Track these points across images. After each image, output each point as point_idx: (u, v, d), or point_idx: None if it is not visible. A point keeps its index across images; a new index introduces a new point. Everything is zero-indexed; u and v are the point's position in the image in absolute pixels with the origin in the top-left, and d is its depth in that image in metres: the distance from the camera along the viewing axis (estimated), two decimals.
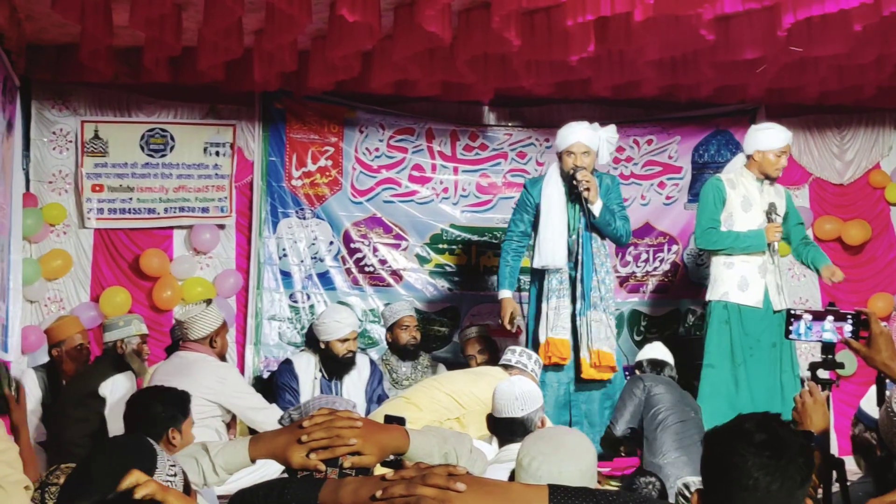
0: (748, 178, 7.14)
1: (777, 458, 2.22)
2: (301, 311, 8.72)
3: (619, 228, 7.02)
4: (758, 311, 7.00)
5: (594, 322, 6.88)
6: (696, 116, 9.30)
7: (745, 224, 7.06)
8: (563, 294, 6.91)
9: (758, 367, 6.96)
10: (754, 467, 2.21)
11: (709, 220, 7.16)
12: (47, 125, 8.39)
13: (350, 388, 6.70)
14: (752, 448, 2.23)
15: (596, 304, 6.90)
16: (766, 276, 7.01)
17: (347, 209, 8.89)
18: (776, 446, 2.23)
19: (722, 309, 7.07)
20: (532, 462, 2.84)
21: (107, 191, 8.42)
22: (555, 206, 6.97)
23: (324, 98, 8.70)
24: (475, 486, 2.11)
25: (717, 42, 6.88)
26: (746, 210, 7.08)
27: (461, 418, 5.88)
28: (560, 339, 6.85)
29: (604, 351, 6.86)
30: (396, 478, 2.15)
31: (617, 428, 6.16)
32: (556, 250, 6.90)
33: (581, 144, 6.93)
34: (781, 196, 7.24)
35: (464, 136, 9.14)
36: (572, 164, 6.91)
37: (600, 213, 6.91)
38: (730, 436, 2.30)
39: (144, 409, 4.61)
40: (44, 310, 8.27)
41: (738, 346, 6.99)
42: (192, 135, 8.61)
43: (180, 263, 8.52)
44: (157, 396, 4.71)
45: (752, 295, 7.01)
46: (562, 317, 6.88)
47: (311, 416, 2.49)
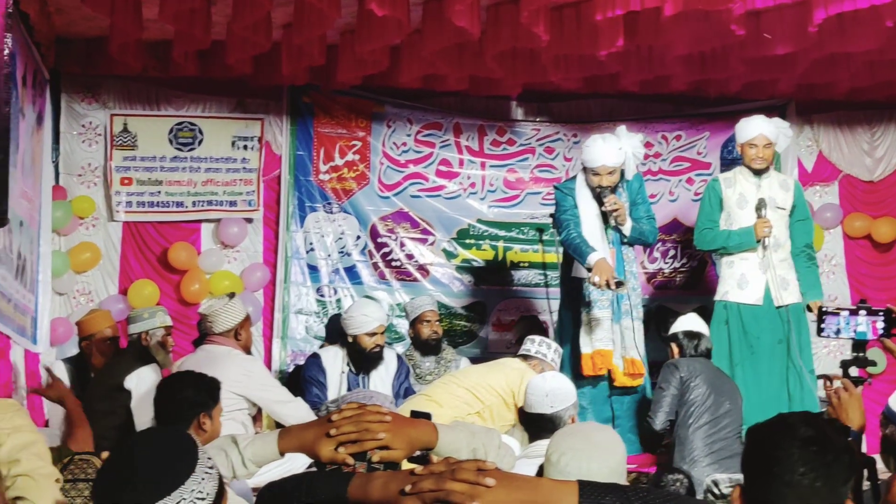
0: (745, 175, 7.12)
1: (822, 455, 2.19)
2: (328, 305, 8.73)
3: (648, 235, 7.02)
4: (758, 309, 6.96)
5: (626, 330, 6.88)
6: (725, 112, 9.24)
7: (742, 221, 7.02)
8: (604, 305, 6.88)
9: (758, 366, 6.93)
10: (799, 462, 2.18)
11: (704, 221, 7.19)
12: (77, 118, 8.44)
13: (377, 382, 6.69)
14: (798, 443, 2.19)
15: (627, 311, 6.89)
16: (767, 273, 6.96)
17: (375, 203, 8.90)
18: (822, 442, 2.20)
19: (722, 309, 7.06)
20: (561, 458, 2.83)
21: (135, 184, 8.46)
22: (590, 218, 6.93)
23: (352, 92, 8.70)
24: (504, 481, 2.10)
25: (747, 37, 6.83)
26: (742, 207, 7.05)
27: (481, 412, 5.86)
28: (608, 350, 6.85)
29: (636, 359, 6.86)
30: (425, 472, 2.14)
31: (656, 421, 6.15)
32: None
33: (606, 167, 6.86)
34: (788, 189, 7.15)
35: (491, 130, 9.12)
36: (597, 184, 6.87)
37: (630, 232, 6.91)
38: (774, 431, 2.26)
39: (176, 392, 4.57)
40: (72, 302, 8.32)
41: (737, 346, 6.97)
42: (220, 128, 8.64)
43: (208, 257, 8.55)
44: (188, 381, 4.66)
45: (751, 293, 6.97)
46: (604, 327, 6.86)
47: (341, 409, 2.49)
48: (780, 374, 6.91)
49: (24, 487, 3.14)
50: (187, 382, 4.64)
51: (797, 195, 7.20)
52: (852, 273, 9.28)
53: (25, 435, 3.23)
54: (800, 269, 7.13)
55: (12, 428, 3.21)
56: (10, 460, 3.15)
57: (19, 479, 3.14)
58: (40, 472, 3.16)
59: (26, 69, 6.87)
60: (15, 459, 3.16)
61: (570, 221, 6.97)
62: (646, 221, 7.02)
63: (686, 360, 6.25)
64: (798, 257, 7.14)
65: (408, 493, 2.10)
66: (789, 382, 6.90)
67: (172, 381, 4.79)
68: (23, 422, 3.29)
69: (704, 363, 6.28)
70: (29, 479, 3.14)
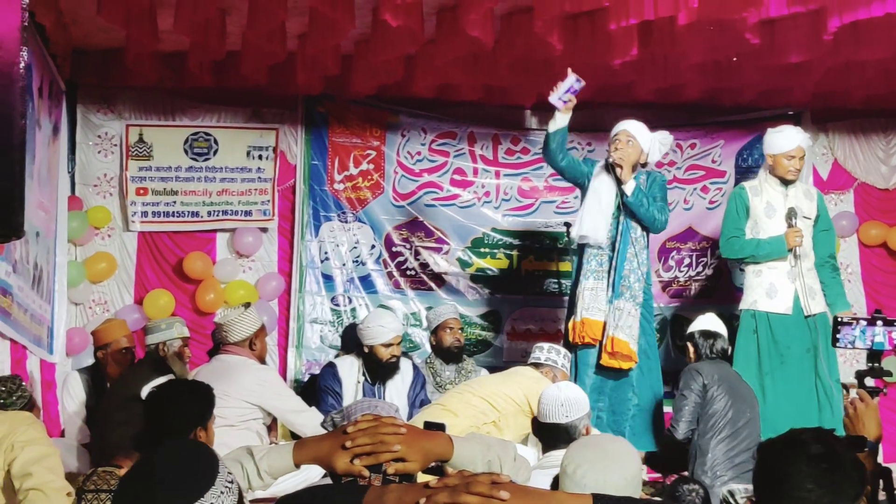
0: (771, 184, 7.08)
1: (831, 472, 2.20)
2: (343, 315, 8.74)
3: (654, 212, 6.93)
4: (787, 318, 6.93)
5: (617, 310, 6.83)
6: (739, 120, 9.23)
7: (770, 230, 6.99)
8: (601, 276, 6.88)
9: (788, 375, 6.88)
10: (808, 478, 2.19)
11: (731, 229, 7.14)
12: (92, 129, 8.48)
13: (393, 392, 6.69)
14: (807, 459, 2.20)
15: (623, 292, 6.86)
16: (796, 282, 6.93)
17: (389, 213, 8.91)
18: (831, 459, 2.21)
19: (750, 318, 7.02)
20: (577, 470, 2.82)
21: (151, 194, 8.49)
22: (604, 186, 6.95)
23: (366, 102, 8.72)
24: (519, 494, 2.10)
25: (761, 46, 6.82)
26: (770, 216, 7.02)
27: (497, 422, 5.85)
28: (595, 321, 6.83)
29: (618, 338, 6.79)
30: (440, 485, 2.14)
31: (679, 431, 6.11)
32: (598, 224, 6.88)
33: (626, 133, 6.93)
34: (812, 199, 7.13)
35: (506, 139, 9.13)
36: (613, 150, 6.91)
37: (633, 193, 6.86)
38: (785, 447, 2.27)
39: (171, 405, 4.28)
40: (88, 312, 8.35)
41: (766, 355, 6.93)
42: (235, 138, 8.66)
43: (223, 266, 8.57)
44: (183, 392, 4.41)
45: (780, 302, 6.94)
46: (598, 299, 6.85)
47: (356, 421, 2.49)
48: (809, 384, 6.87)
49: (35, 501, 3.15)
50: (182, 394, 4.40)
51: (821, 205, 7.18)
52: (868, 281, 9.25)
53: (39, 448, 3.25)
54: (824, 279, 7.09)
55: (27, 440, 3.22)
56: (23, 474, 3.17)
57: (31, 492, 3.15)
58: (52, 485, 3.17)
59: (42, 80, 6.90)
60: (27, 473, 3.17)
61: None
62: (655, 206, 6.98)
63: (707, 366, 6.20)
64: (822, 268, 7.11)
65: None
66: (818, 392, 6.87)
67: (166, 393, 4.44)
68: (37, 434, 3.30)
69: (724, 368, 6.24)
70: (40, 492, 3.15)
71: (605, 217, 6.92)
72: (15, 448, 3.19)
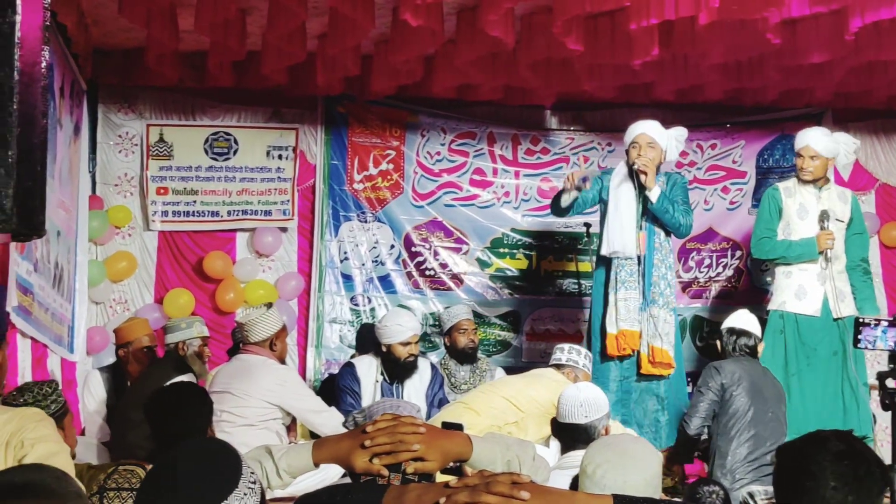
0: (805, 185, 7.05)
1: (854, 469, 2.18)
2: (362, 314, 8.75)
3: (678, 217, 6.91)
4: (816, 320, 6.90)
5: (652, 318, 6.82)
6: (760, 121, 9.20)
7: (802, 232, 6.97)
8: (632, 286, 6.85)
9: (814, 377, 6.86)
10: (832, 476, 2.18)
11: (763, 229, 7.12)
12: (113, 128, 8.51)
13: (411, 391, 6.69)
14: (830, 457, 2.19)
15: (656, 299, 6.85)
16: (825, 284, 6.90)
17: (408, 213, 8.91)
18: (854, 456, 2.20)
19: (778, 318, 7.00)
20: (597, 470, 2.82)
21: (171, 193, 8.52)
22: (622, 197, 6.93)
23: (386, 102, 8.73)
24: (539, 494, 2.09)
25: (783, 46, 6.79)
26: (802, 218, 7.00)
27: (519, 422, 5.85)
28: (632, 331, 6.80)
29: (658, 347, 6.79)
30: (460, 485, 2.14)
31: (691, 426, 6.08)
32: (626, 237, 6.86)
33: (646, 136, 6.91)
34: (846, 202, 7.10)
35: (525, 140, 9.12)
36: (636, 156, 6.88)
37: (658, 199, 6.84)
38: (806, 446, 2.26)
39: (176, 410, 4.27)
40: (108, 311, 8.38)
41: (793, 356, 6.91)
42: (255, 138, 8.68)
43: (243, 266, 8.59)
44: (186, 397, 4.38)
45: (809, 303, 6.91)
46: (631, 309, 6.83)
47: (375, 421, 2.49)
48: (835, 386, 6.85)
49: None
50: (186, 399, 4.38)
51: (855, 208, 7.14)
52: (889, 283, 9.20)
53: (49, 445, 3.24)
54: (855, 283, 7.07)
55: (37, 438, 3.22)
56: None
57: None
58: None
59: (63, 80, 6.93)
60: None
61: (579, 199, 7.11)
62: (679, 210, 6.96)
63: (729, 364, 6.16)
64: (854, 271, 7.08)
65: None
66: (844, 395, 6.84)
67: (169, 399, 4.40)
68: (48, 431, 3.30)
69: (748, 366, 6.17)
70: None
71: (632, 227, 6.89)
72: (24, 445, 3.19)
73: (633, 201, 6.93)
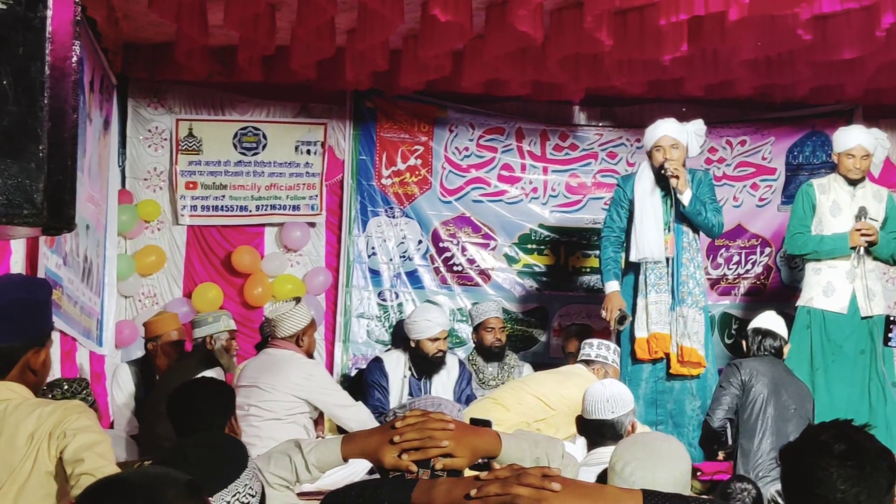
0: (839, 182, 7.00)
1: (860, 468, 2.17)
2: (389, 310, 8.76)
3: (711, 219, 6.89)
4: (842, 318, 6.85)
5: (680, 317, 6.79)
6: (790, 117, 9.15)
7: (835, 228, 6.91)
8: (662, 289, 6.82)
9: (840, 373, 6.81)
10: (840, 479, 2.16)
11: (797, 225, 7.06)
12: (143, 123, 8.55)
13: (439, 387, 6.70)
14: (835, 460, 2.17)
15: (684, 298, 6.82)
16: (855, 282, 6.85)
17: (436, 208, 8.91)
18: (858, 455, 2.18)
19: (805, 314, 6.95)
20: (626, 467, 2.81)
21: (200, 188, 8.55)
22: (648, 200, 6.90)
23: (414, 97, 8.73)
24: (570, 486, 2.10)
25: (813, 42, 6.75)
26: (835, 215, 6.94)
27: (548, 419, 5.84)
28: (664, 334, 6.78)
29: (687, 346, 6.76)
30: (491, 477, 2.14)
31: (714, 419, 6.05)
32: (654, 243, 6.83)
33: (668, 138, 6.86)
34: (882, 200, 7.02)
35: (554, 135, 9.10)
36: (661, 158, 6.84)
37: (690, 202, 6.81)
38: (809, 450, 2.24)
39: (191, 405, 4.35)
40: (137, 305, 8.42)
41: (819, 352, 6.86)
42: (283, 133, 8.70)
43: (271, 260, 8.61)
44: (201, 392, 4.44)
45: (837, 300, 6.86)
46: (662, 312, 6.80)
47: (405, 416, 2.49)
48: (861, 385, 6.79)
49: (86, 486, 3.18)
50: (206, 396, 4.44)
51: (890, 207, 7.03)
52: None
53: (91, 435, 3.27)
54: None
55: (79, 428, 3.25)
56: (75, 459, 3.19)
57: (82, 477, 3.18)
58: (102, 471, 3.19)
59: (94, 74, 6.97)
60: (79, 459, 3.20)
61: (611, 236, 7.07)
62: (711, 209, 6.93)
63: (749, 361, 6.15)
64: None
65: (473, 497, 2.11)
66: (871, 393, 6.79)
67: (185, 396, 4.47)
68: (89, 422, 3.33)
69: (770, 364, 6.14)
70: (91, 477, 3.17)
71: (660, 232, 6.86)
72: (67, 435, 3.22)
73: (659, 205, 6.90)
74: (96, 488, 1.73)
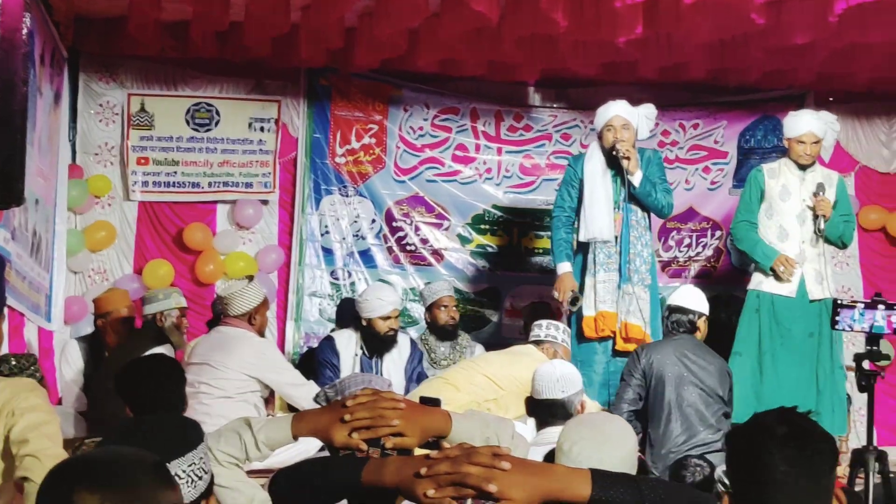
0: (789, 167, 7.05)
1: (802, 449, 2.22)
2: (342, 288, 8.75)
3: (661, 199, 6.93)
4: (791, 301, 6.91)
5: (626, 295, 6.83)
6: (743, 101, 9.22)
7: (785, 212, 6.95)
8: (611, 268, 6.86)
9: (788, 356, 6.87)
10: (782, 461, 2.21)
11: (743, 212, 7.13)
12: (94, 97, 8.46)
13: (390, 366, 6.71)
14: (777, 442, 2.22)
15: (631, 276, 6.85)
16: (805, 266, 6.92)
17: (390, 187, 8.90)
18: (800, 438, 2.23)
19: (755, 298, 7.01)
20: (573, 447, 2.84)
21: (152, 164, 8.48)
22: (598, 180, 6.92)
23: (369, 76, 8.70)
24: (519, 465, 2.11)
25: (767, 26, 6.79)
26: (785, 199, 7.00)
27: (498, 399, 5.86)
28: (611, 313, 6.81)
29: (631, 323, 6.80)
30: (441, 456, 2.15)
31: (617, 415, 5.97)
32: (604, 223, 6.86)
33: (619, 118, 6.88)
34: (832, 185, 7.07)
35: (508, 116, 9.11)
36: (612, 138, 6.86)
37: (640, 183, 6.84)
38: (752, 434, 2.29)
39: (144, 382, 4.29)
40: (87, 281, 8.35)
41: (767, 335, 6.92)
42: (237, 110, 8.65)
43: (223, 238, 8.57)
44: (154, 369, 4.39)
45: (785, 284, 6.92)
46: (610, 290, 6.84)
47: (355, 395, 2.49)
48: (809, 367, 6.85)
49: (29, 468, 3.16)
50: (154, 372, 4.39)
51: (840, 191, 7.08)
52: (866, 266, 9.23)
53: (39, 415, 3.25)
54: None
55: (27, 407, 3.23)
56: (21, 440, 3.17)
57: (26, 459, 3.15)
58: (47, 452, 3.17)
59: (44, 48, 6.88)
60: (25, 439, 3.18)
61: (562, 216, 7.10)
62: (661, 190, 6.97)
63: (650, 346, 6.16)
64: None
65: (423, 475, 2.12)
66: (819, 376, 6.86)
67: (137, 372, 4.40)
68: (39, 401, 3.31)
69: (676, 344, 6.06)
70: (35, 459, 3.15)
71: (610, 212, 6.89)
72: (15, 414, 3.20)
73: (610, 185, 6.93)
74: (62, 469, 1.72)
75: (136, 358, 4.67)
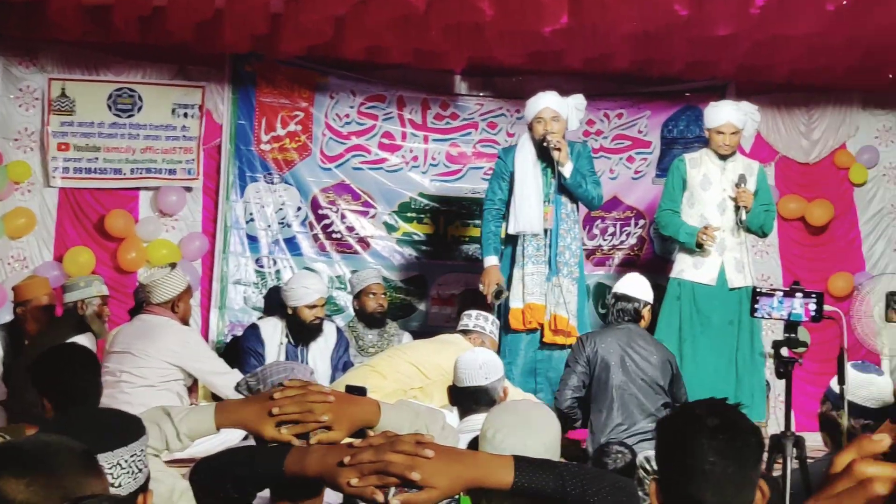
0: (710, 157, 7.16)
1: (731, 440, 2.26)
2: (267, 276, 8.69)
3: (591, 191, 6.99)
4: (711, 289, 7.02)
5: (555, 287, 6.87)
6: (666, 91, 9.31)
7: (706, 201, 7.07)
8: (540, 260, 6.90)
9: (708, 344, 6.97)
10: (710, 451, 2.25)
11: (666, 201, 7.24)
12: (14, 82, 8.31)
13: (316, 354, 6.69)
14: (707, 432, 2.26)
15: (560, 269, 6.90)
16: (724, 254, 7.02)
17: (316, 175, 8.85)
18: (729, 429, 2.28)
19: (676, 286, 7.12)
20: (496, 434, 2.85)
21: (73, 150, 8.35)
22: (529, 173, 6.95)
23: (295, 63, 8.64)
24: (442, 453, 2.12)
25: (690, 17, 6.87)
26: (706, 189, 7.11)
27: (424, 388, 5.87)
28: (539, 305, 6.85)
29: (560, 315, 6.84)
30: (364, 444, 2.15)
31: (561, 401, 5.99)
32: (533, 216, 6.89)
33: (550, 110, 6.92)
34: (752, 174, 7.18)
35: (435, 104, 9.11)
36: (543, 130, 6.89)
37: (571, 175, 6.89)
38: (683, 423, 2.33)
39: (61, 372, 4.19)
40: (7, 268, 8.21)
41: (687, 322, 7.02)
42: (160, 95, 8.54)
43: (146, 225, 8.47)
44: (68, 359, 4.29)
45: (706, 272, 7.03)
46: (538, 282, 6.88)
47: (283, 388, 2.46)
48: (729, 355, 6.96)
49: None
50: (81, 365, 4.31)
51: (760, 180, 7.20)
52: (785, 254, 9.39)
53: None
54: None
55: None
56: None
57: None
58: None
59: None
60: None
61: (492, 209, 7.15)
62: (591, 182, 7.02)
63: (594, 334, 6.19)
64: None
65: (346, 464, 2.11)
66: (738, 363, 6.96)
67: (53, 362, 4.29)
68: None
69: (620, 332, 6.06)
70: None
71: (540, 205, 6.92)
72: None
73: (540, 177, 6.97)
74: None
75: (49, 348, 4.59)
